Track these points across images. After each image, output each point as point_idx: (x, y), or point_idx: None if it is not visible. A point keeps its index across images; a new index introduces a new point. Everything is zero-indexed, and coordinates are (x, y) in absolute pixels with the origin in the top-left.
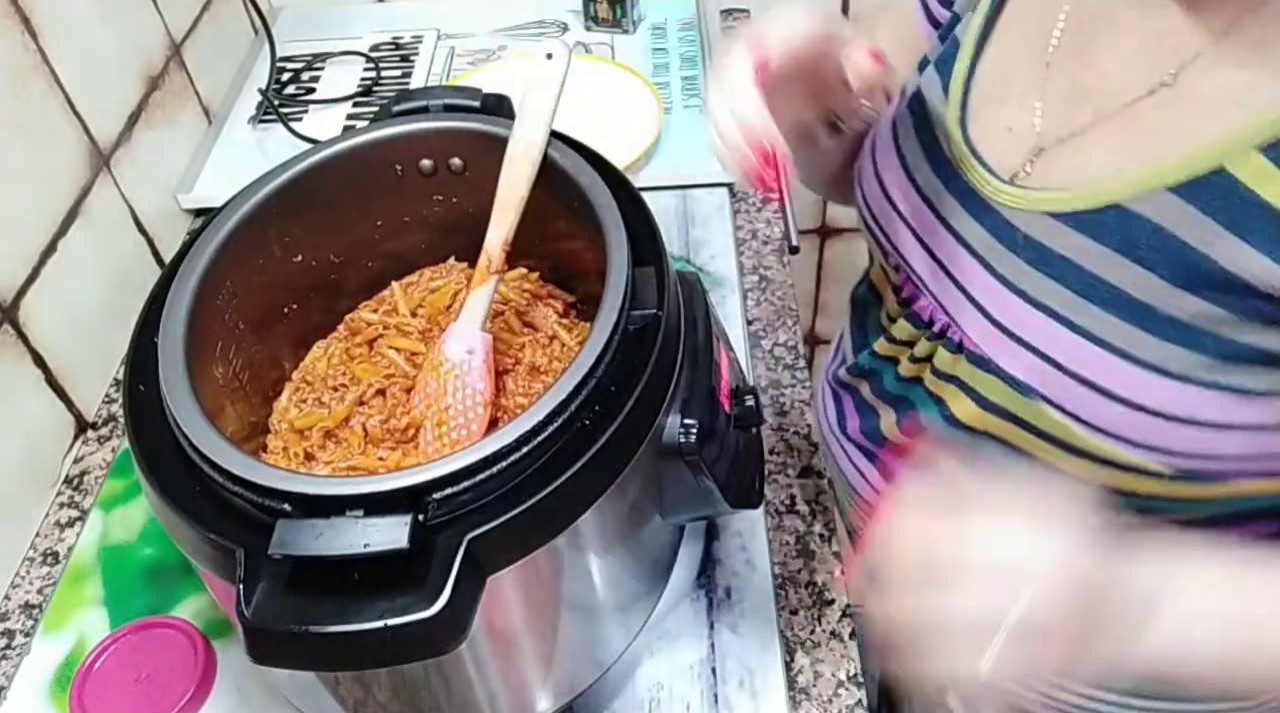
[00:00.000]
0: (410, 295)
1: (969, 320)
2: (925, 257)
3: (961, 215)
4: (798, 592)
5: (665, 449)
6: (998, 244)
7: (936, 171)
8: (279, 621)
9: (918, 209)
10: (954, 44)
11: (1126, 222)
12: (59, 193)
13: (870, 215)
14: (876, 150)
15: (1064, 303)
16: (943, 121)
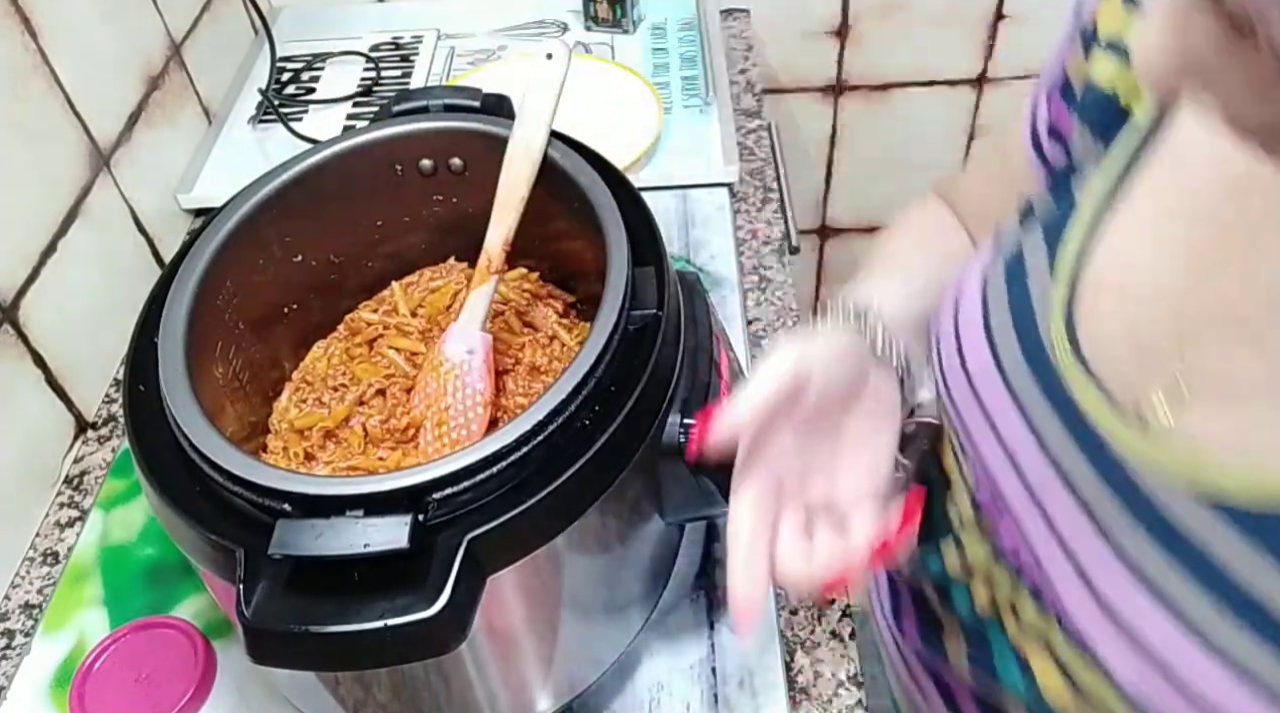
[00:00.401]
0: (410, 295)
1: (1067, 588)
2: (1014, 478)
3: (1067, 446)
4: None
5: (665, 449)
6: (1115, 504)
7: (1035, 374)
8: (279, 621)
9: (1006, 413)
10: (1069, 204)
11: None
12: (59, 193)
13: (946, 390)
14: (960, 312)
15: (1200, 612)
16: (1046, 309)
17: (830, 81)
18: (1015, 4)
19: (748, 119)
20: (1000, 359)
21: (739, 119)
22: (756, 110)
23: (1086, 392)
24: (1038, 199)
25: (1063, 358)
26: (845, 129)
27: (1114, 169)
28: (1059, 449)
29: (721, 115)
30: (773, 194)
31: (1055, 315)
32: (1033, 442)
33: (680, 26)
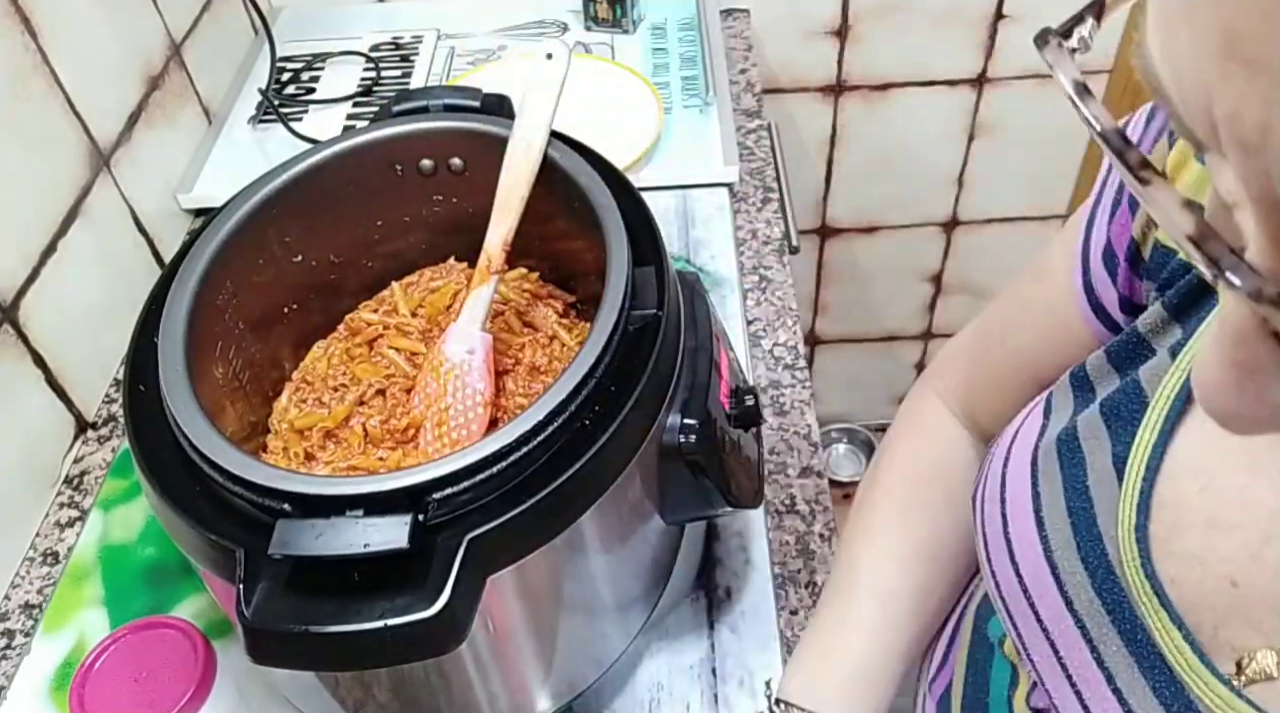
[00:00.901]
0: (410, 295)
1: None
2: (1072, 699)
3: (1134, 680)
4: (798, 592)
5: (665, 449)
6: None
7: (1096, 586)
8: (279, 621)
9: (1060, 621)
10: (1136, 393)
11: None
12: (59, 193)
13: (995, 584)
14: (1008, 479)
15: None
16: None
17: (830, 81)
18: (1015, 4)
19: (748, 119)
20: (1055, 563)
21: (739, 119)
22: (756, 110)
23: (1164, 628)
24: (1094, 366)
25: (1134, 579)
26: (845, 129)
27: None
28: (1132, 693)
29: (721, 115)
30: (773, 194)
31: (1124, 529)
32: (1100, 677)
33: (680, 26)
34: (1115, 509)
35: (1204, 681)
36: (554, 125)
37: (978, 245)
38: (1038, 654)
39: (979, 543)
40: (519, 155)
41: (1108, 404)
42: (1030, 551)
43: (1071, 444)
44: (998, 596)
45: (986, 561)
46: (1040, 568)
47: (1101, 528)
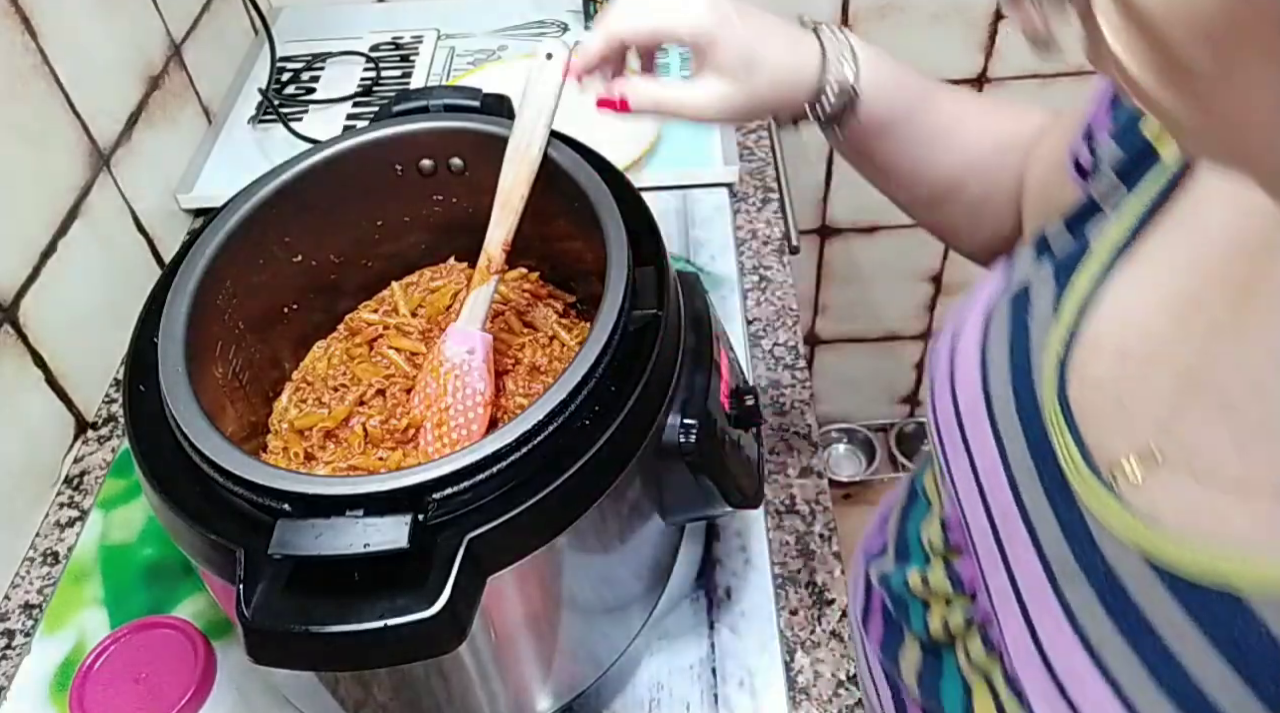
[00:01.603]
0: (410, 295)
1: (1013, 632)
2: (982, 512)
3: (1035, 489)
4: (798, 592)
5: (665, 449)
6: (1069, 556)
7: (1019, 410)
8: (279, 621)
9: (986, 448)
10: (1083, 245)
11: (1239, 617)
12: (59, 193)
13: (932, 408)
14: (960, 338)
15: (1132, 679)
16: (1042, 350)
17: None
18: None
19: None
20: (990, 392)
21: None
22: None
23: (1065, 442)
24: (1054, 232)
25: (1049, 403)
26: None
27: (1132, 216)
28: (1029, 495)
29: None
30: (773, 194)
31: (1049, 359)
32: (1005, 483)
33: None
34: (1046, 344)
35: (1088, 484)
36: (554, 125)
37: None
38: (958, 473)
39: (929, 382)
40: (519, 155)
41: (1060, 260)
42: (970, 383)
43: (1023, 295)
44: (934, 423)
45: (931, 392)
46: (975, 397)
47: (1033, 360)
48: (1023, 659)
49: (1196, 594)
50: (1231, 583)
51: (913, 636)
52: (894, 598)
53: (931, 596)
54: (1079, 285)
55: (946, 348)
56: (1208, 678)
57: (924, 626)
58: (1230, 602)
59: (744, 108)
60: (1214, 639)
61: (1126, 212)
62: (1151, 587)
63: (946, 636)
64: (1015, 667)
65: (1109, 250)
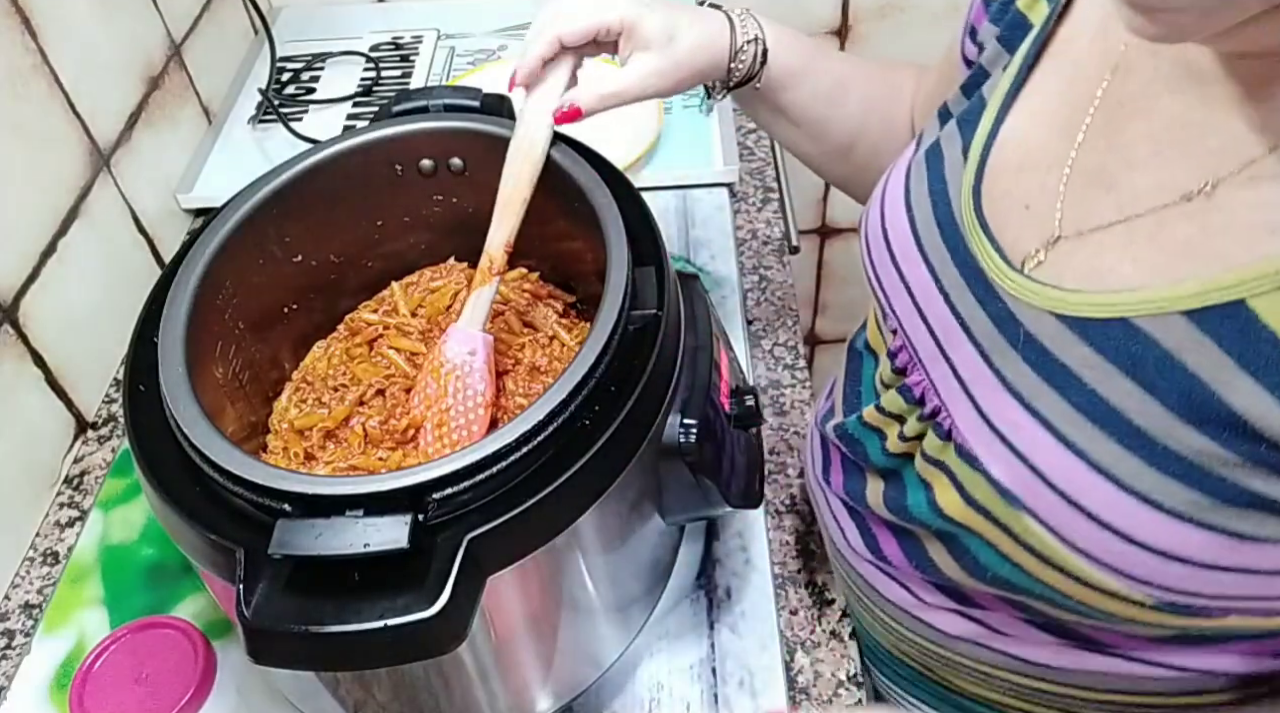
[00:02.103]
0: (410, 295)
1: (960, 411)
2: (923, 329)
3: (964, 293)
4: (798, 592)
5: (665, 449)
6: (998, 335)
7: (944, 239)
8: (279, 621)
9: (920, 275)
10: (980, 102)
11: (1134, 340)
12: (59, 193)
13: (871, 266)
14: (886, 196)
15: (1059, 414)
16: (957, 183)
17: None
18: None
19: (748, 119)
20: (916, 227)
21: (739, 119)
22: None
23: (983, 247)
24: (952, 99)
25: (967, 221)
26: None
27: (1015, 68)
28: (959, 299)
29: (721, 115)
30: (773, 194)
31: (964, 188)
32: (939, 296)
33: None
34: (959, 177)
35: (1004, 273)
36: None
37: None
38: (899, 306)
39: (862, 251)
40: (521, 156)
41: (960, 116)
42: (900, 231)
43: (934, 150)
44: (874, 278)
45: (866, 250)
46: (906, 240)
47: (951, 196)
48: (971, 430)
49: (1099, 330)
50: (1124, 313)
51: (872, 469)
52: (851, 441)
53: (885, 421)
54: (981, 128)
55: (876, 206)
56: (1118, 396)
57: (881, 451)
58: (1125, 329)
59: (674, 76)
60: (1118, 363)
61: (1010, 67)
62: (1063, 337)
63: (904, 447)
64: (966, 438)
65: (1000, 97)
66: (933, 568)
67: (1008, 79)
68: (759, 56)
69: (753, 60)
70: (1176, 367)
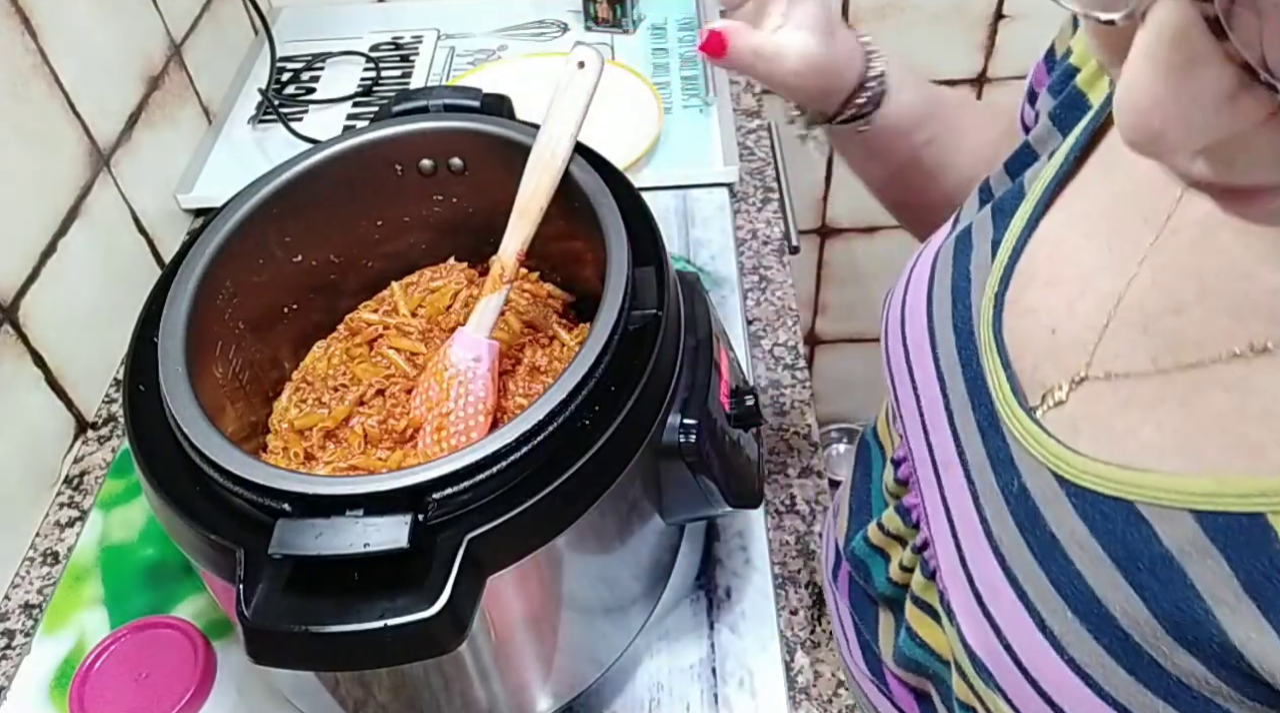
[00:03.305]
0: (410, 295)
1: (944, 552)
2: (924, 444)
3: (968, 417)
4: (798, 592)
5: (665, 449)
6: (991, 476)
7: (958, 348)
8: (279, 621)
9: (929, 383)
10: (1019, 190)
11: (1135, 530)
12: (59, 193)
13: (886, 355)
14: (911, 281)
15: (1039, 591)
16: (980, 286)
17: None
18: (1015, 4)
19: (748, 119)
20: (934, 327)
21: (739, 119)
22: (756, 110)
23: (996, 370)
24: (995, 177)
25: (984, 336)
26: None
27: (1063, 156)
28: (962, 423)
29: (721, 115)
30: (773, 194)
31: (987, 293)
32: (944, 412)
33: (680, 26)
34: (983, 280)
35: (1011, 409)
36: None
37: None
38: (906, 412)
39: (881, 328)
40: (542, 165)
41: (997, 202)
42: (918, 325)
43: (965, 238)
44: (886, 367)
45: (884, 337)
46: (922, 338)
47: (973, 299)
48: (951, 577)
49: (1096, 505)
50: (1127, 493)
51: (881, 599)
52: (856, 563)
53: (888, 542)
54: (1014, 226)
55: (900, 292)
56: (1104, 588)
57: (886, 578)
58: (1128, 514)
59: (821, 68)
60: (1106, 546)
61: (1057, 154)
62: (1058, 502)
63: (902, 578)
64: (945, 584)
65: (1041, 190)
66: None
67: (1052, 169)
68: (880, 94)
69: (876, 95)
70: (1175, 572)
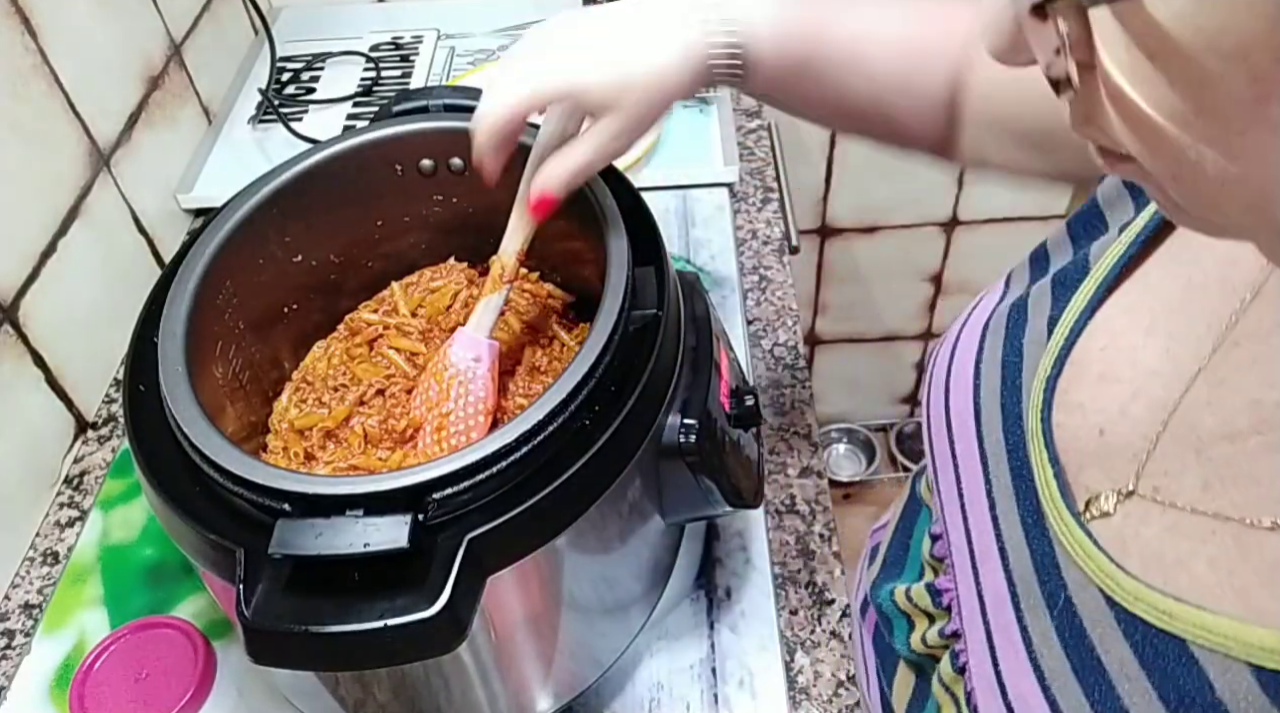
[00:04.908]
0: (410, 295)
1: (976, 653)
2: (961, 527)
3: (1011, 510)
4: (798, 592)
5: (665, 449)
6: (1035, 584)
7: (1005, 432)
8: (279, 621)
9: (971, 462)
10: (1083, 264)
11: (1187, 671)
12: (59, 193)
13: (927, 417)
14: (961, 338)
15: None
16: (1033, 368)
17: None
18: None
19: (748, 119)
20: (980, 408)
21: (739, 119)
22: (757, 110)
23: (1043, 467)
24: (1054, 243)
25: (1032, 423)
26: None
27: (1132, 236)
28: (1004, 517)
29: (721, 115)
30: (773, 194)
31: (1039, 377)
32: (985, 501)
33: None
34: (1036, 362)
35: (1059, 511)
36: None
37: (978, 245)
38: (944, 485)
39: (924, 390)
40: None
41: (1058, 275)
42: (963, 395)
43: (1020, 309)
44: (927, 432)
45: (926, 400)
46: (966, 410)
47: (1024, 380)
48: (981, 680)
49: (1148, 637)
50: (1182, 631)
51: (901, 657)
52: (882, 614)
53: (914, 610)
54: (1075, 304)
55: (946, 356)
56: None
57: (906, 643)
58: (1178, 649)
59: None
60: (1157, 685)
61: (1129, 231)
62: (1106, 624)
63: (926, 651)
64: (973, 686)
65: (1107, 269)
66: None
67: (1121, 247)
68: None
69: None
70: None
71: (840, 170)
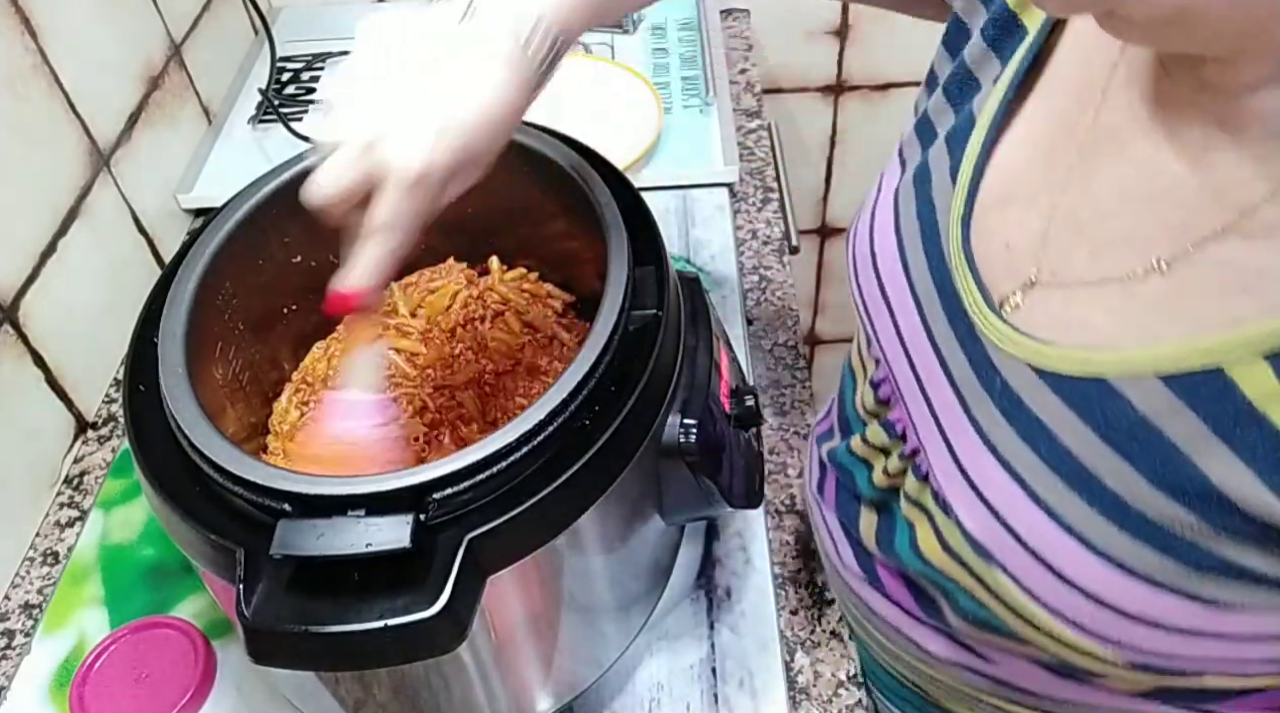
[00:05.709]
0: (410, 296)
1: (936, 455)
2: (905, 363)
3: (947, 332)
4: (798, 592)
5: (665, 449)
6: (975, 381)
7: (931, 271)
8: (279, 621)
9: (906, 307)
10: (969, 119)
11: (1110, 401)
12: (59, 193)
13: (857, 289)
14: (876, 213)
15: (1030, 470)
16: (946, 213)
17: (830, 81)
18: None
19: (748, 119)
20: (905, 255)
21: (739, 119)
22: (756, 110)
23: (968, 286)
24: (935, 111)
25: (954, 254)
26: (845, 129)
27: (1005, 84)
28: (942, 338)
29: (721, 115)
30: (773, 194)
31: (953, 217)
32: (923, 332)
33: (680, 26)
34: (948, 207)
35: (985, 317)
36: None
37: None
38: (884, 337)
39: (850, 273)
40: None
41: (949, 133)
42: (889, 254)
43: (923, 172)
44: (859, 298)
45: (853, 271)
46: (894, 267)
47: (939, 225)
48: (945, 475)
49: (1075, 387)
50: (1101, 373)
51: (864, 500)
52: (841, 468)
53: (871, 453)
54: (969, 152)
55: (866, 229)
56: (1091, 458)
57: (869, 482)
58: (1102, 389)
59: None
60: (1092, 424)
61: (1001, 81)
62: (1038, 390)
63: (889, 482)
64: (941, 485)
65: (990, 117)
66: (924, 599)
67: (997, 95)
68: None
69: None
70: (1152, 432)
71: (840, 170)
